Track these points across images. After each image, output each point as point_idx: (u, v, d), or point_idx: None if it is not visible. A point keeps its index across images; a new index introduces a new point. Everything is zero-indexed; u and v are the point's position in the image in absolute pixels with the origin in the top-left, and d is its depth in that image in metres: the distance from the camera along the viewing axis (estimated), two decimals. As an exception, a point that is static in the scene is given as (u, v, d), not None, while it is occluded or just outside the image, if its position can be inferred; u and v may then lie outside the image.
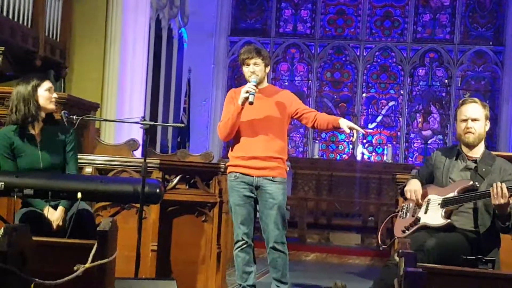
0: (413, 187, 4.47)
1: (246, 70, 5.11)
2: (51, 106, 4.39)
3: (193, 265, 5.65)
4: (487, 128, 4.44)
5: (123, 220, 4.95)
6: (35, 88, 4.33)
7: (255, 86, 4.96)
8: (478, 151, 4.44)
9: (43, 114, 4.37)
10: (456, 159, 4.47)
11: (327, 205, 11.82)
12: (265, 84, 5.21)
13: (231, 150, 5.19)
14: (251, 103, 4.90)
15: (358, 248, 10.37)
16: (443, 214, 4.32)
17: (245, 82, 5.09)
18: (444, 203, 4.32)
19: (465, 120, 4.40)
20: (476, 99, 4.51)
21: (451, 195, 4.31)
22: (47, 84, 4.39)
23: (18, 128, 4.32)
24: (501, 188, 4.04)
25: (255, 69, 5.07)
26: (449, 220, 4.30)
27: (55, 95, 4.43)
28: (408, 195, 4.46)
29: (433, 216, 4.35)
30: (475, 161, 4.41)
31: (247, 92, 4.92)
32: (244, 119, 5.06)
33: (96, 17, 9.11)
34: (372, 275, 7.23)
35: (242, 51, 5.18)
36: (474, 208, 4.31)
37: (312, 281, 6.79)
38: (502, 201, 4.05)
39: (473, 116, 4.38)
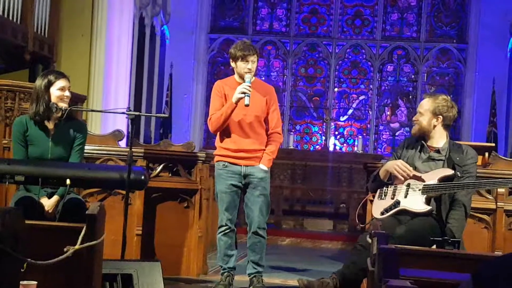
0: (395, 162, 4.41)
1: (243, 65, 4.95)
2: (62, 105, 4.28)
3: (176, 248, 5.64)
4: (436, 123, 4.39)
5: (109, 206, 4.91)
6: (48, 86, 4.26)
7: (249, 86, 4.87)
8: (438, 141, 4.44)
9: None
10: (420, 150, 4.48)
11: (302, 193, 11.84)
12: (252, 78, 5.16)
13: (220, 142, 5.11)
14: (247, 105, 4.82)
15: (330, 233, 10.41)
16: (424, 200, 4.30)
17: (224, 76, 5.00)
18: (426, 190, 4.29)
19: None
20: (431, 94, 4.55)
21: (431, 182, 4.30)
22: (60, 83, 4.28)
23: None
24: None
25: (253, 67, 4.97)
26: (430, 207, 4.29)
27: (67, 93, 4.32)
28: (396, 172, 4.36)
29: (414, 201, 4.31)
30: (437, 151, 4.42)
31: (243, 93, 4.84)
32: (233, 113, 4.99)
33: (83, 14, 9.05)
34: (343, 259, 7.23)
35: (241, 47, 4.97)
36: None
37: (287, 264, 6.80)
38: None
39: (419, 109, 4.46)
